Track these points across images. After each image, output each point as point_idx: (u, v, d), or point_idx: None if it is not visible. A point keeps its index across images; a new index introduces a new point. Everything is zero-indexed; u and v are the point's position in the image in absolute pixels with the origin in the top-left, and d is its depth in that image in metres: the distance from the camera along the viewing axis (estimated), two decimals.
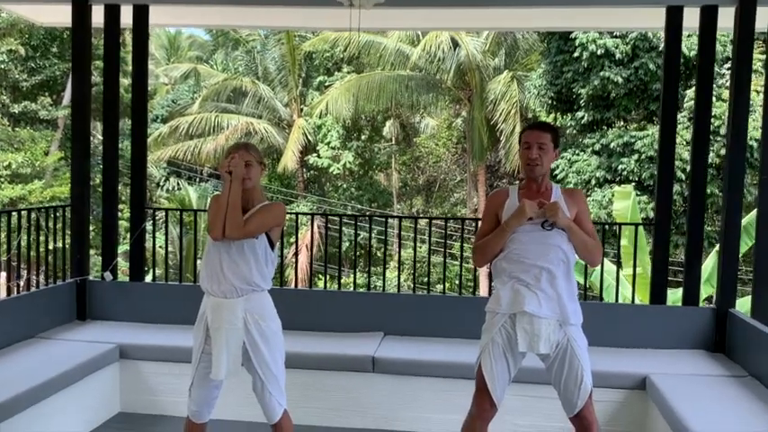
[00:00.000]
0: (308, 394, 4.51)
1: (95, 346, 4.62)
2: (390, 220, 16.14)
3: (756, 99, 10.82)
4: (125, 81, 13.26)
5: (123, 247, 11.78)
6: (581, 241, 3.22)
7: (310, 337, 4.89)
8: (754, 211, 9.61)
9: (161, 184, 27.08)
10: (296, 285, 17.30)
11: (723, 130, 12.21)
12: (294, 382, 3.56)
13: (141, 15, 5.35)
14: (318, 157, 22.63)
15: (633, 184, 14.22)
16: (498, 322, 3.25)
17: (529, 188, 3.34)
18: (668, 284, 5.10)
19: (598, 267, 6.11)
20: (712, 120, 7.35)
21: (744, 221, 8.31)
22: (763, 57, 12.23)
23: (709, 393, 4.00)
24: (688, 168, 13.49)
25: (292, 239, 19.42)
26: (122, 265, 12.98)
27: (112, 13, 5.33)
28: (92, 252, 8.00)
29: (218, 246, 3.33)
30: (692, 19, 4.86)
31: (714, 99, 11.31)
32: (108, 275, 5.43)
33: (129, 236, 5.70)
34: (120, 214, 9.05)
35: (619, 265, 7.58)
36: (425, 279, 17.71)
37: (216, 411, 3.54)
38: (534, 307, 3.18)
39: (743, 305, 8.38)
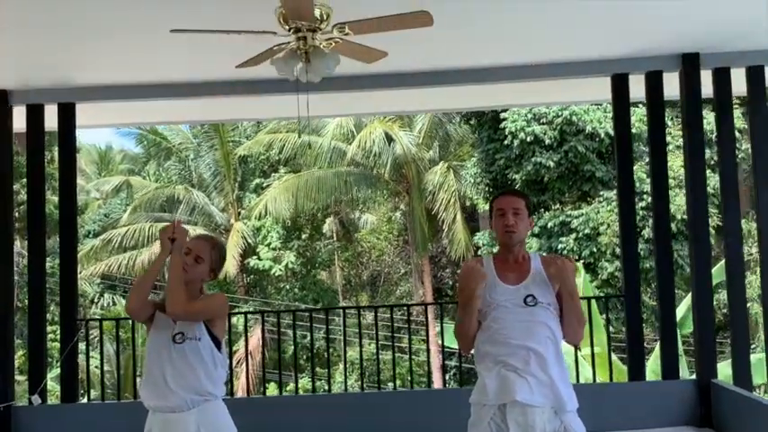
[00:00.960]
0: None
1: None
2: (338, 318, 15.68)
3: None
4: (54, 199, 12.77)
5: (57, 371, 10.96)
6: (576, 312, 2.94)
7: None
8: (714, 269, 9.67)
9: (95, 300, 25.96)
10: (247, 393, 16.33)
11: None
12: None
13: (67, 115, 5.05)
14: (259, 259, 22.13)
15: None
16: (486, 415, 2.89)
17: (504, 259, 3.07)
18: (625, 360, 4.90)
19: None
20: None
21: None
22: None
23: None
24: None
25: (235, 347, 18.63)
26: (56, 388, 12.08)
27: (35, 114, 5.01)
28: (21, 378, 7.36)
29: (161, 356, 2.93)
30: (637, 89, 4.88)
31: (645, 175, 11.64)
32: (36, 399, 4.87)
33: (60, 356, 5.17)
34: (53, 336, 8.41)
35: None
36: (376, 378, 17.15)
37: None
38: (526, 394, 2.84)
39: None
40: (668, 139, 10.25)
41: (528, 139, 14.63)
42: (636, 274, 4.70)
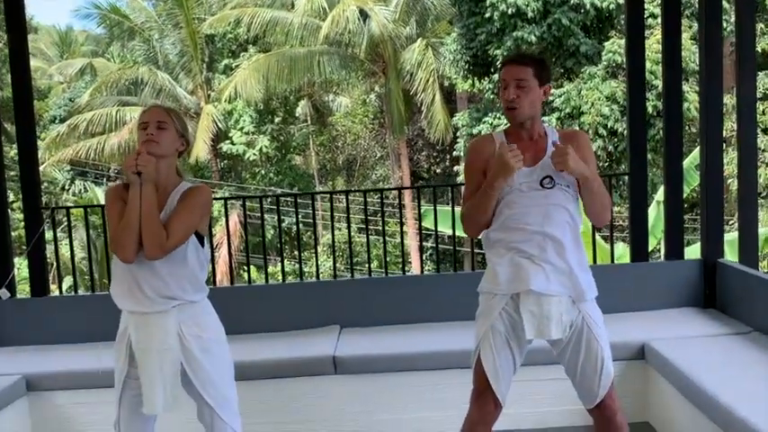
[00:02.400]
0: (262, 408, 3.80)
1: None
2: (316, 203, 15.44)
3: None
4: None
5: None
6: (597, 194, 2.61)
7: (256, 340, 4.18)
8: (689, 158, 9.47)
9: (66, 187, 25.40)
10: (230, 281, 16.39)
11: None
12: (244, 396, 2.88)
13: None
14: (232, 143, 21.58)
15: None
16: (498, 305, 2.63)
17: (517, 135, 2.70)
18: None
19: None
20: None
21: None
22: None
23: (717, 354, 3.55)
24: (608, 123, 13.68)
25: (214, 231, 18.46)
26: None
27: None
28: None
29: (138, 261, 2.57)
30: None
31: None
32: (4, 293, 4.54)
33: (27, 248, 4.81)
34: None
35: None
36: (357, 261, 17.12)
37: None
38: (541, 283, 2.56)
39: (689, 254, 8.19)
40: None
41: (509, 12, 13.94)
42: (642, 150, 4.41)
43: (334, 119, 24.23)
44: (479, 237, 2.77)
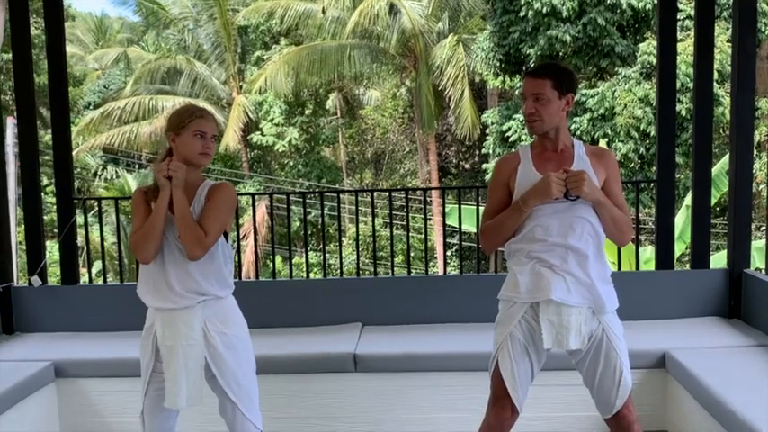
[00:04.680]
0: (282, 403, 3.87)
1: (26, 366, 3.88)
2: (342, 196, 15.51)
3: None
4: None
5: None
6: (611, 218, 2.61)
7: (279, 335, 4.25)
8: (720, 163, 9.35)
9: (98, 173, 25.79)
10: (256, 275, 16.50)
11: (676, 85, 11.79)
12: (265, 390, 2.94)
13: None
14: (262, 134, 21.73)
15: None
16: (517, 313, 2.65)
17: (543, 148, 2.71)
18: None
19: None
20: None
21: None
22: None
23: (740, 366, 3.53)
24: (641, 126, 13.52)
25: (241, 221, 18.63)
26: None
27: None
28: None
29: (164, 257, 2.64)
30: None
31: None
32: (36, 280, 4.67)
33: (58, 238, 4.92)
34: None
35: None
36: (381, 255, 17.17)
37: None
38: (562, 293, 2.57)
39: (718, 261, 8.09)
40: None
41: (544, 11, 13.82)
42: (671, 157, 4.37)
43: (363, 112, 24.26)
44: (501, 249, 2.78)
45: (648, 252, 8.73)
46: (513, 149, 2.59)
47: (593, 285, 2.60)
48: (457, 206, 5.16)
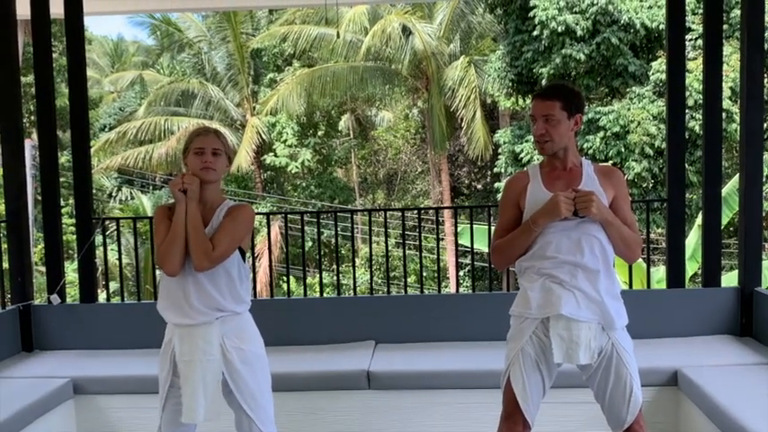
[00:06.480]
0: (297, 419, 3.92)
1: (45, 383, 3.95)
2: (355, 216, 15.58)
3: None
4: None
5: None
6: (619, 236, 2.66)
7: (294, 353, 4.31)
8: (731, 181, 9.36)
9: (113, 194, 26.04)
10: (271, 294, 16.55)
11: (689, 102, 11.81)
12: (281, 407, 2.99)
13: (74, 1, 4.69)
14: (275, 155, 21.90)
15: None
16: (528, 329, 2.69)
17: (552, 167, 2.77)
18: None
19: None
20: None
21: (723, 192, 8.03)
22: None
23: (751, 384, 3.54)
24: (656, 143, 13.53)
25: (256, 241, 18.74)
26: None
27: (40, 1, 4.65)
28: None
29: (184, 275, 2.73)
30: None
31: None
32: (55, 299, 4.76)
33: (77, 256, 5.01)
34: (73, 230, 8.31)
35: None
36: (394, 275, 17.19)
37: None
38: (572, 308, 2.61)
39: (731, 280, 8.07)
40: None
41: (559, 30, 13.91)
42: (681, 176, 4.41)
43: (376, 133, 24.41)
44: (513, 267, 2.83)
45: (661, 272, 8.71)
46: (525, 168, 2.65)
47: (602, 301, 2.64)
48: (469, 226, 5.21)
